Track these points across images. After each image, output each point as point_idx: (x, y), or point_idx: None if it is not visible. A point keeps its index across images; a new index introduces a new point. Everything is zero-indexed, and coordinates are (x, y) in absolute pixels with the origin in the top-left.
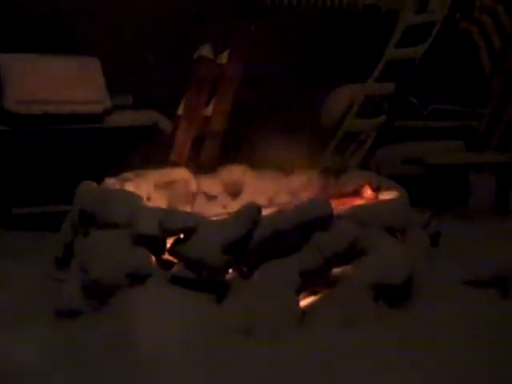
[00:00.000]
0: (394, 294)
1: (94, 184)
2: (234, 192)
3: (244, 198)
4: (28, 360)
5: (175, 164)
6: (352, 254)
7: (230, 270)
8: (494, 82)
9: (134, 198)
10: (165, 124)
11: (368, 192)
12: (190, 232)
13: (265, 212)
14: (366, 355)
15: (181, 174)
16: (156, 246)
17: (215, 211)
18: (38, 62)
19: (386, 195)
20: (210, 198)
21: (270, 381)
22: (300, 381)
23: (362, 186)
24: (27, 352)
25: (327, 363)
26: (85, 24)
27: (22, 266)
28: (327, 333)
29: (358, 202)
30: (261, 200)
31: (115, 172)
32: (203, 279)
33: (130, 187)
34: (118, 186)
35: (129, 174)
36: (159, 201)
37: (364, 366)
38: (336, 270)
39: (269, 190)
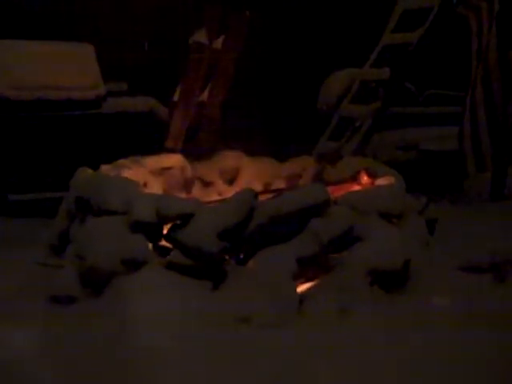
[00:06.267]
0: (390, 280)
1: (90, 171)
2: (230, 178)
3: (240, 185)
4: (24, 347)
5: (171, 150)
6: (348, 239)
7: (227, 257)
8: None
9: (130, 185)
10: (161, 110)
11: (364, 178)
12: (186, 218)
13: (261, 198)
14: (363, 341)
15: (177, 160)
16: (152, 232)
17: (211, 197)
18: (32, 48)
19: (382, 181)
20: (206, 184)
21: (269, 369)
22: (298, 368)
23: (359, 172)
24: (24, 339)
25: (325, 350)
26: (82, 10)
27: (18, 253)
28: (324, 319)
29: (355, 188)
30: (257, 186)
31: (111, 159)
32: (200, 266)
33: (126, 174)
34: (114, 173)
35: (125, 161)
36: (155, 187)
37: (362, 352)
38: (333, 256)
39: (265, 177)
